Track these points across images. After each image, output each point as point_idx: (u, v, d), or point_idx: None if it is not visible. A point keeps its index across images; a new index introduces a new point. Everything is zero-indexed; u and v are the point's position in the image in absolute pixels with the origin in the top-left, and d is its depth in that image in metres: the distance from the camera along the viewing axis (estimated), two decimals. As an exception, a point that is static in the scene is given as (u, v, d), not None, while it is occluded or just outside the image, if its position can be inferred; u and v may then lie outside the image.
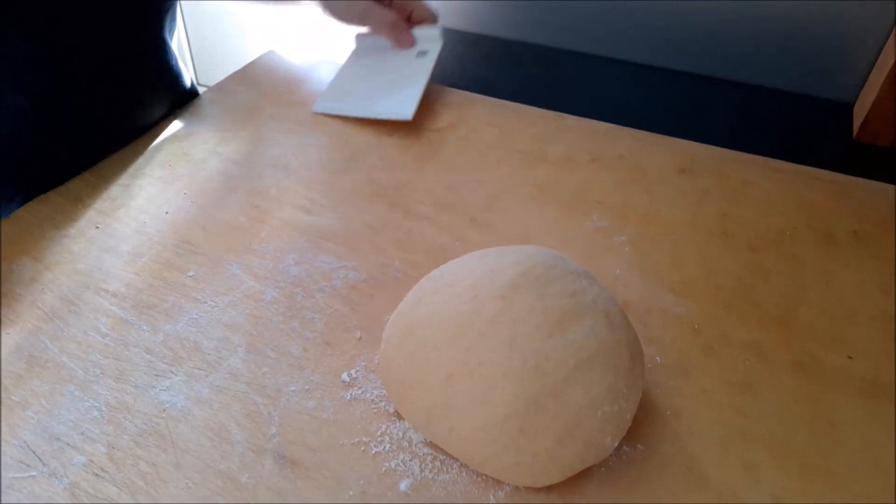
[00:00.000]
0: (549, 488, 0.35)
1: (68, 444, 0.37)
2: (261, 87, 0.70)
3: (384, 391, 0.40)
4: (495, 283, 0.36)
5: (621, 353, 0.35)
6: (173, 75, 0.65)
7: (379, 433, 0.38)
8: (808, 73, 0.75)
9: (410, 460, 0.37)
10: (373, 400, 0.40)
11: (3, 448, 0.37)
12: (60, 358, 0.41)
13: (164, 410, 0.39)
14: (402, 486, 0.35)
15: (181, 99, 0.66)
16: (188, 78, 0.67)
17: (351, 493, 0.35)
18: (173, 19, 0.62)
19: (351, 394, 0.40)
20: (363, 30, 0.71)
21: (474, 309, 0.35)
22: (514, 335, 0.34)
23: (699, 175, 0.58)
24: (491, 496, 0.35)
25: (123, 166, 0.58)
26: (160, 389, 0.40)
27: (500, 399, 0.33)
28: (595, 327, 0.35)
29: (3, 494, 0.35)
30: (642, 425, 0.38)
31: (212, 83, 0.71)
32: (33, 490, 0.35)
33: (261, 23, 1.19)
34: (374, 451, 0.37)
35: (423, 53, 0.67)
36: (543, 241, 0.51)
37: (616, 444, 0.35)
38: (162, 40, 0.61)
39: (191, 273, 0.48)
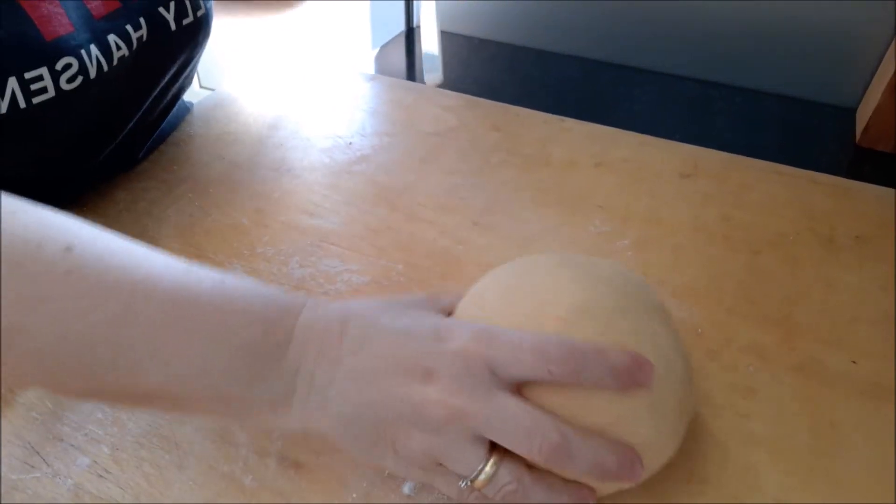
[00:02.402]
0: (551, 491, 0.36)
1: (72, 446, 0.37)
2: (263, 92, 0.71)
3: (387, 394, 0.40)
4: (560, 302, 0.33)
5: (667, 404, 0.32)
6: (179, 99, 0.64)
7: (382, 435, 0.38)
8: (811, 78, 0.76)
9: (413, 463, 0.37)
10: (376, 402, 0.40)
11: (7, 449, 0.37)
12: (64, 360, 0.42)
13: (168, 412, 0.39)
14: (406, 488, 0.35)
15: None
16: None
17: (354, 495, 0.35)
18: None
19: (354, 396, 0.40)
20: None
21: (532, 325, 0.33)
22: None
23: (702, 179, 0.58)
24: (494, 499, 0.35)
25: (128, 171, 0.58)
26: (164, 391, 0.40)
27: None
28: None
29: (7, 495, 0.35)
30: (645, 428, 0.38)
31: (216, 86, 0.71)
32: (37, 491, 0.35)
33: (265, 26, 1.20)
34: (377, 454, 0.37)
35: None
36: (546, 243, 0.51)
37: None
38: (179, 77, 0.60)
39: (194, 275, 0.48)
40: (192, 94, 0.69)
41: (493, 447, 0.30)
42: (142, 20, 0.48)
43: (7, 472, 0.36)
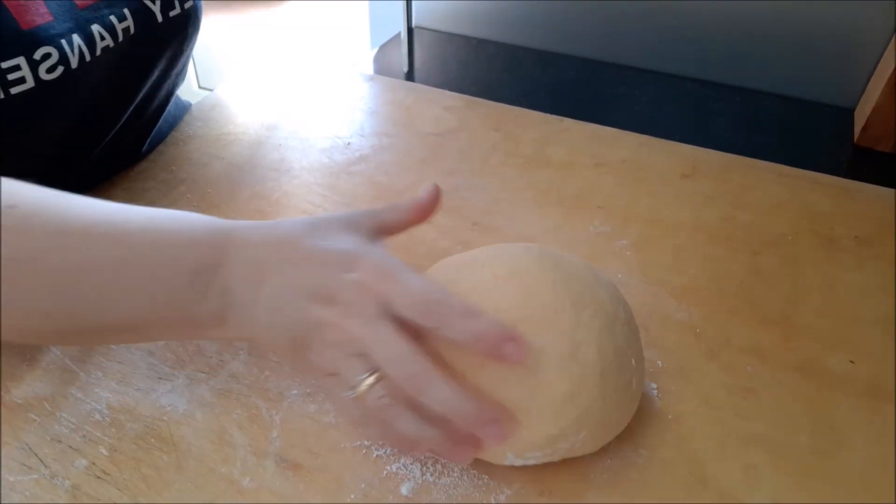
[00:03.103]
0: (550, 492, 0.36)
1: (70, 447, 0.37)
2: (262, 92, 0.71)
3: (386, 394, 0.40)
4: (501, 265, 0.36)
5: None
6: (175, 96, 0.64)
7: (381, 436, 0.38)
8: (810, 78, 0.76)
9: (411, 463, 0.37)
10: (374, 403, 0.40)
11: (5, 450, 0.37)
12: (63, 361, 0.42)
13: (166, 413, 0.39)
14: (404, 489, 0.35)
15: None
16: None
17: (352, 496, 0.35)
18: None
19: (353, 397, 0.40)
20: None
21: (471, 279, 0.36)
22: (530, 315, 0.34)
23: (701, 179, 0.58)
24: (492, 499, 0.35)
25: (127, 170, 0.58)
26: (162, 392, 0.40)
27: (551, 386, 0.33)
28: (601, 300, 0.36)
29: (5, 496, 0.35)
30: (644, 429, 0.38)
31: (214, 86, 0.71)
32: (35, 492, 0.35)
33: (264, 26, 1.19)
34: (375, 455, 0.37)
35: None
36: (545, 244, 0.51)
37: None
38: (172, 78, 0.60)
39: (193, 276, 0.48)
40: (191, 95, 0.69)
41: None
42: (126, 11, 0.48)
43: (5, 473, 0.36)
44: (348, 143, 0.62)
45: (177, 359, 0.42)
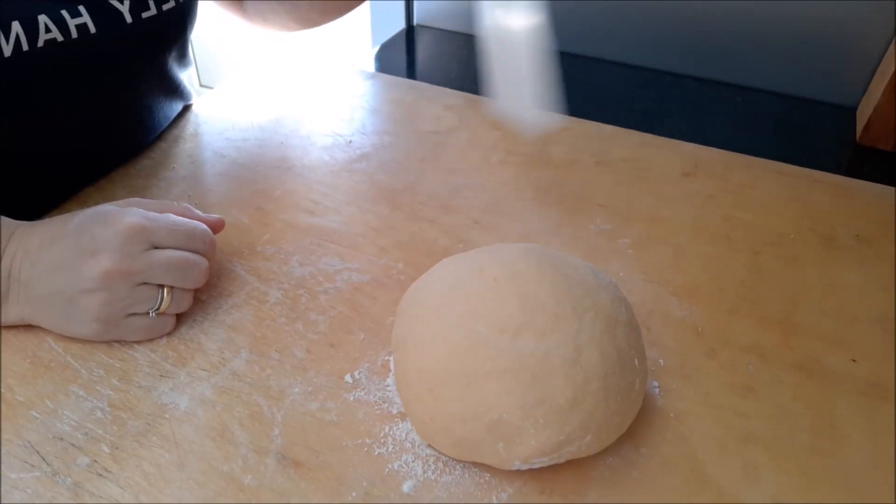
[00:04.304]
0: (551, 490, 0.36)
1: (72, 444, 0.37)
2: (263, 90, 0.71)
3: (387, 393, 0.40)
4: (500, 267, 0.37)
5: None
6: (179, 91, 0.64)
7: (382, 434, 0.38)
8: (812, 76, 0.75)
9: (413, 461, 0.37)
10: (375, 402, 0.40)
11: (7, 448, 0.37)
12: (65, 358, 0.42)
13: (168, 411, 0.39)
14: (406, 487, 0.36)
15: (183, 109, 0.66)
16: (191, 91, 0.67)
17: (354, 494, 0.35)
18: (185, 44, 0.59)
19: (354, 395, 0.40)
20: None
21: (483, 288, 0.36)
22: (523, 324, 0.34)
23: (702, 178, 0.58)
24: (494, 497, 0.35)
25: (128, 168, 0.58)
26: (164, 390, 0.40)
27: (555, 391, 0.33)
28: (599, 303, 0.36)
29: (7, 494, 0.35)
30: (644, 427, 0.38)
31: (215, 84, 0.71)
32: (37, 490, 0.35)
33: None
34: (377, 453, 0.37)
35: None
36: (546, 242, 0.51)
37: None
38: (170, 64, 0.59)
39: (194, 274, 0.48)
40: (192, 93, 0.69)
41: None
42: (82, 9, 0.46)
43: (6, 471, 0.36)
44: (349, 141, 0.62)
45: (178, 357, 0.42)
